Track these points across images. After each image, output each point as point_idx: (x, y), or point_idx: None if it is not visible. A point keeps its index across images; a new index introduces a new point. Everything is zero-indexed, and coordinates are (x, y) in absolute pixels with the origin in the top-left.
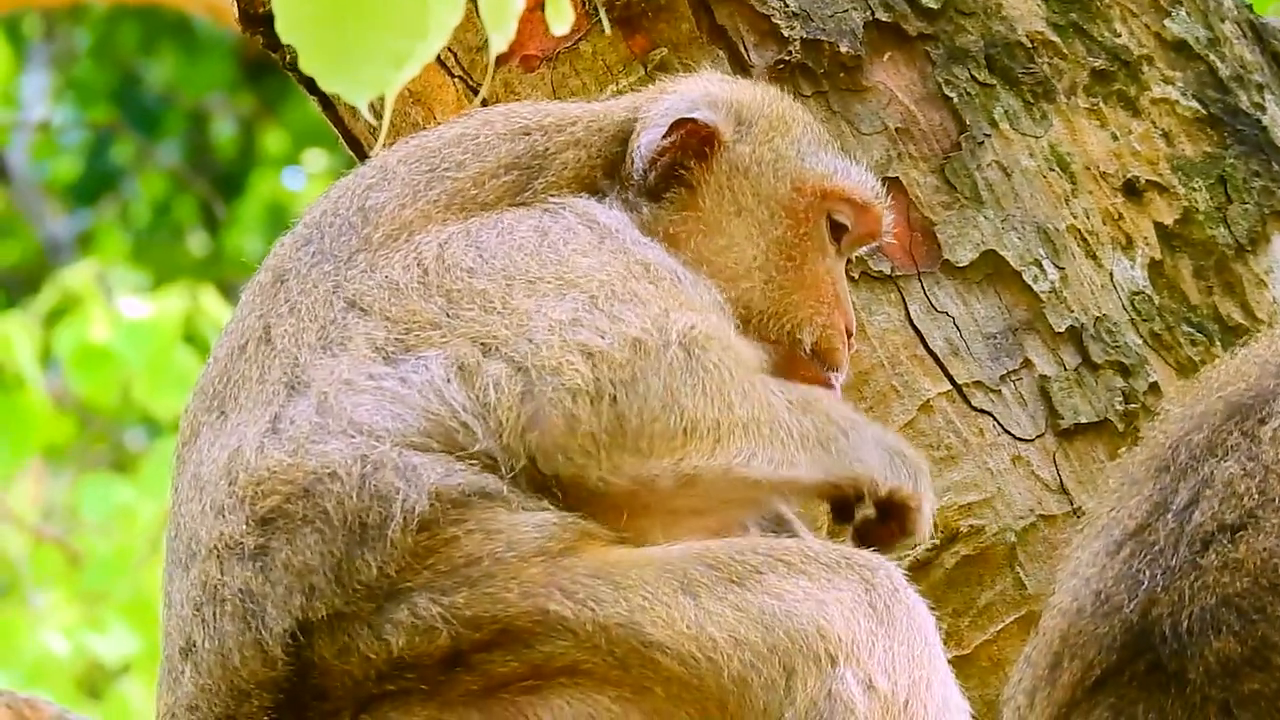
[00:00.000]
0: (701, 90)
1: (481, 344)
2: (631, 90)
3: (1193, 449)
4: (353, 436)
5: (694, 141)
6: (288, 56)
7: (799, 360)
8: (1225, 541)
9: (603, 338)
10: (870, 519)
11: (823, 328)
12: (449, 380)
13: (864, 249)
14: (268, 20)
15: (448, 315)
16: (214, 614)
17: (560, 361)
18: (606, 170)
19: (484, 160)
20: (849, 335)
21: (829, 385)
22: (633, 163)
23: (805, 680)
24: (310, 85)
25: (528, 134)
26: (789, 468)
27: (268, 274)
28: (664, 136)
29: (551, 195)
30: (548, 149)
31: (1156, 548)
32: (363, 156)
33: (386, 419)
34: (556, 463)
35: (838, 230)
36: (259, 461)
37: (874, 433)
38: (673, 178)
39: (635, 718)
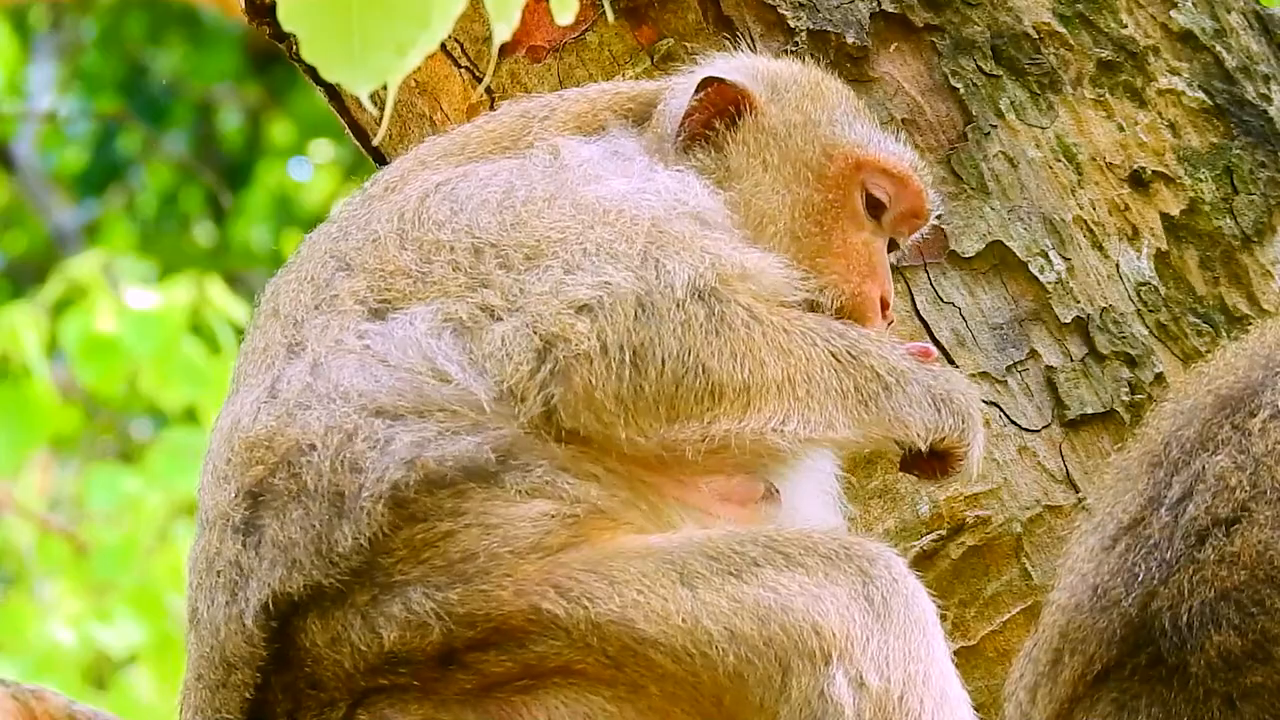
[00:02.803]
0: (738, 60)
1: (479, 306)
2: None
3: (1184, 444)
4: (333, 402)
5: (722, 101)
6: (293, 46)
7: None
8: (1220, 535)
9: (598, 296)
10: (918, 453)
11: (850, 295)
12: (439, 335)
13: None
14: (274, 10)
15: (420, 268)
16: (211, 584)
17: (564, 327)
18: (617, 115)
19: (498, 116)
20: (884, 307)
21: None
22: (662, 119)
23: (800, 678)
24: (316, 75)
25: (548, 96)
26: (825, 429)
27: (293, 255)
28: (693, 95)
29: (542, 136)
30: (557, 107)
31: (1151, 541)
32: (368, 147)
33: (367, 381)
34: (580, 419)
35: (874, 205)
36: (252, 427)
37: (924, 381)
38: (702, 138)
39: (630, 715)
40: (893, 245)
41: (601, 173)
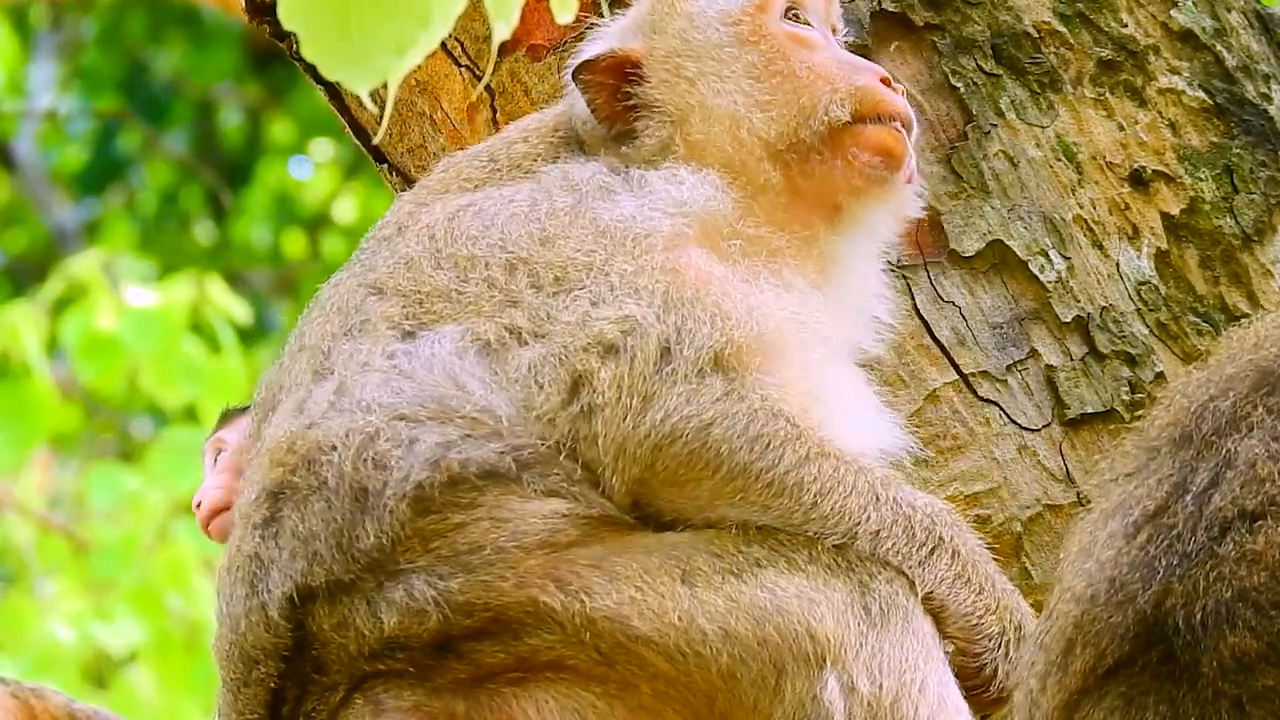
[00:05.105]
0: (596, 33)
1: (506, 327)
2: None
3: (1217, 418)
4: (355, 412)
5: (606, 75)
6: (294, 45)
7: (861, 136)
8: (1243, 530)
9: (623, 339)
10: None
11: (848, 95)
12: (463, 354)
13: (837, 10)
14: (274, 9)
15: (457, 287)
16: (232, 580)
17: (589, 369)
18: (558, 147)
19: (457, 163)
20: (885, 82)
21: (900, 142)
22: (589, 131)
23: (794, 680)
24: (316, 74)
25: (480, 145)
26: (828, 528)
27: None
28: (584, 95)
29: (532, 164)
30: (498, 153)
31: (1174, 532)
32: (369, 146)
33: (390, 395)
34: (588, 455)
35: (796, 15)
36: (277, 436)
37: (968, 565)
38: (629, 114)
39: (620, 713)
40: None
41: (610, 185)
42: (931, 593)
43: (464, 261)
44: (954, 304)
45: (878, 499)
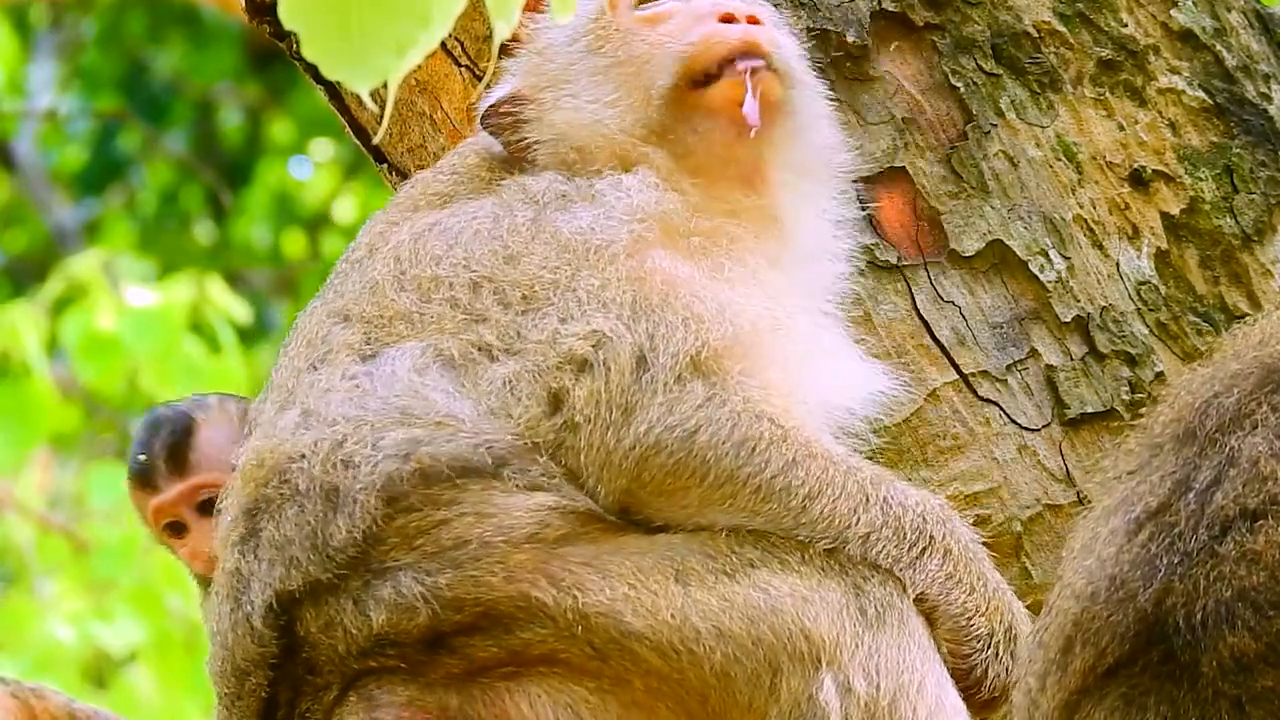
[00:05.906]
0: (506, 78)
1: (474, 343)
2: None
3: (1222, 415)
4: (321, 426)
5: (503, 118)
6: (294, 45)
7: (699, 102)
8: (1244, 530)
9: (595, 353)
10: None
11: (674, 59)
12: (424, 370)
13: None
14: (274, 8)
15: (419, 309)
16: (219, 599)
17: (563, 386)
18: (502, 170)
19: (424, 179)
20: (730, 19)
21: (739, 88)
22: (511, 162)
23: (790, 680)
24: (316, 74)
25: (443, 166)
26: (817, 534)
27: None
28: (495, 139)
29: (491, 175)
30: (459, 168)
31: (1175, 530)
32: (369, 145)
33: (354, 409)
34: (572, 464)
35: None
36: (247, 457)
37: (959, 563)
38: (530, 149)
39: (613, 709)
40: None
41: (566, 193)
42: (923, 593)
43: (427, 283)
44: (954, 304)
45: (867, 500)
